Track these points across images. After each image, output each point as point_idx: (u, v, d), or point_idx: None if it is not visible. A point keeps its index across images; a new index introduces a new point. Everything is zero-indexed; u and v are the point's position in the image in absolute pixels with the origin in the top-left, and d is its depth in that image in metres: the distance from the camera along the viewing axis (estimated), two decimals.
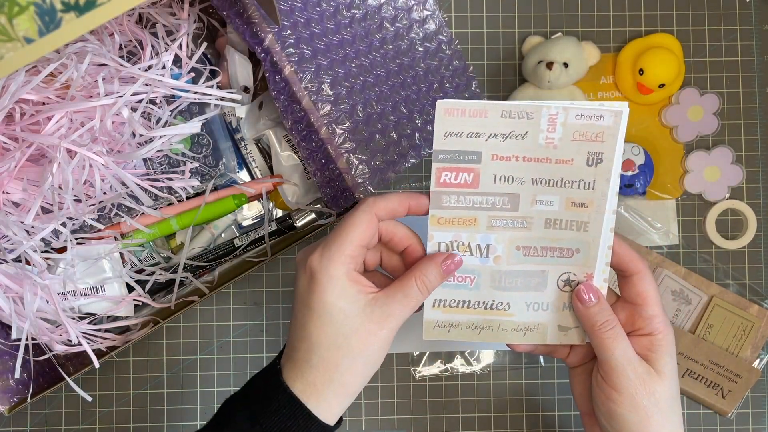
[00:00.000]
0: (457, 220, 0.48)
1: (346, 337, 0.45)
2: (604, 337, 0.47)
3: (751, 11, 0.71)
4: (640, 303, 0.48)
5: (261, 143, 0.67)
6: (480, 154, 0.46)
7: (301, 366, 0.45)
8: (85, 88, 0.58)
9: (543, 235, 0.48)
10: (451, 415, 0.69)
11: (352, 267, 0.46)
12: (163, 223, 0.63)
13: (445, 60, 0.64)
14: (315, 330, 0.45)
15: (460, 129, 0.45)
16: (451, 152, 0.46)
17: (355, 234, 0.46)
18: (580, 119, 0.45)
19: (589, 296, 0.48)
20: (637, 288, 0.48)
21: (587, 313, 0.48)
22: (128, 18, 0.61)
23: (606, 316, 0.48)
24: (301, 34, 0.58)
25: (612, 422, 0.48)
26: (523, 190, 0.47)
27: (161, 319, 0.62)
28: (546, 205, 0.47)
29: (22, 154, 0.57)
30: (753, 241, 0.70)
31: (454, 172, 0.46)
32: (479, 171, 0.46)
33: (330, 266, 0.45)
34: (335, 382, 0.45)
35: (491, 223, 0.48)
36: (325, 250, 0.46)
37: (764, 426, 0.70)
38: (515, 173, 0.47)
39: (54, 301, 0.59)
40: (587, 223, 0.48)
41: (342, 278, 0.45)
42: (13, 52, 0.42)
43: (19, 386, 0.61)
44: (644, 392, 0.46)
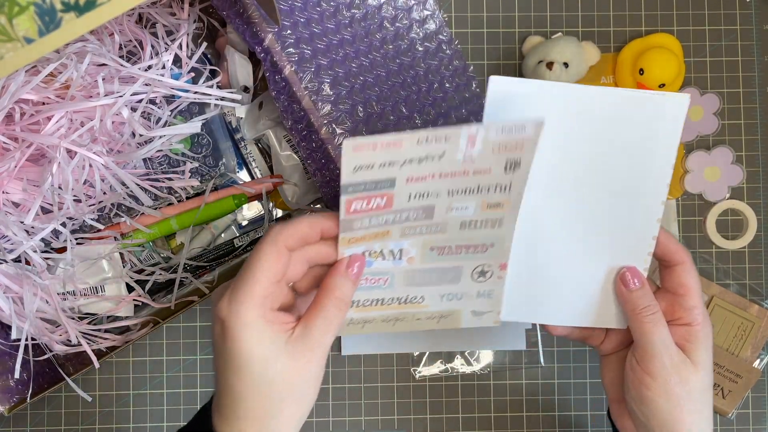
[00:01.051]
0: (369, 236, 0.45)
1: (271, 383, 0.42)
2: (645, 321, 0.47)
3: (751, 11, 0.71)
4: (682, 293, 0.48)
5: (261, 143, 0.67)
6: (394, 180, 0.43)
7: (229, 418, 0.43)
8: (85, 88, 0.58)
9: (458, 236, 0.47)
10: (451, 415, 0.69)
11: (266, 307, 0.42)
12: (163, 223, 0.63)
13: (445, 60, 0.64)
14: (236, 382, 0.42)
15: (371, 161, 0.42)
16: (361, 183, 0.43)
17: (263, 272, 0.42)
18: (500, 134, 0.43)
19: (633, 281, 0.48)
20: (680, 278, 0.48)
21: (630, 297, 0.48)
22: (128, 18, 0.61)
23: (648, 301, 0.48)
24: (301, 34, 0.58)
25: (642, 407, 0.47)
26: (439, 201, 0.45)
27: (161, 319, 0.62)
28: (461, 210, 0.46)
29: (22, 154, 0.57)
30: (753, 241, 0.70)
31: (365, 200, 0.44)
32: (393, 194, 0.44)
33: (241, 311, 0.41)
34: (270, 429, 0.42)
35: (405, 232, 0.46)
36: (234, 295, 0.42)
37: (764, 426, 0.70)
38: (431, 189, 0.45)
39: (54, 302, 0.59)
40: (501, 220, 0.47)
41: (255, 322, 0.41)
42: (13, 52, 0.42)
43: (19, 386, 0.61)
44: (678, 380, 0.46)
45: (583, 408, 0.69)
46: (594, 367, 0.70)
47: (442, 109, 0.64)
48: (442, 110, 0.64)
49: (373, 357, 0.69)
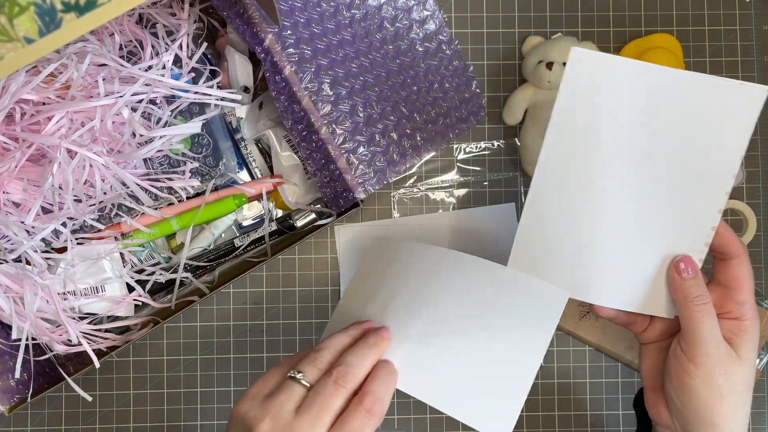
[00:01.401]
0: None
1: None
2: (696, 310, 0.47)
3: (751, 11, 0.71)
4: (735, 287, 0.48)
5: (261, 143, 0.67)
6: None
7: None
8: (85, 88, 0.58)
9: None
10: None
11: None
12: (163, 223, 0.63)
13: (445, 60, 0.64)
14: None
15: None
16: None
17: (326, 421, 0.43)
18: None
19: (687, 269, 0.48)
20: (734, 272, 0.49)
21: (682, 285, 0.48)
22: (128, 18, 0.61)
23: (700, 291, 0.48)
24: (301, 35, 0.58)
25: (682, 395, 0.48)
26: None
27: (161, 319, 0.62)
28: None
29: (22, 154, 0.57)
30: (753, 241, 0.70)
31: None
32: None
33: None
34: None
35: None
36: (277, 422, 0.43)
37: (764, 426, 0.69)
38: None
39: (54, 301, 0.59)
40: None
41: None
42: (13, 52, 0.42)
43: (19, 386, 0.61)
44: (722, 371, 0.47)
45: (583, 408, 0.69)
46: (594, 367, 0.70)
47: (442, 109, 0.64)
48: (442, 110, 0.64)
49: None
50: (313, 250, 0.69)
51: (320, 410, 0.43)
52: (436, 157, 0.69)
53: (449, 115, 0.64)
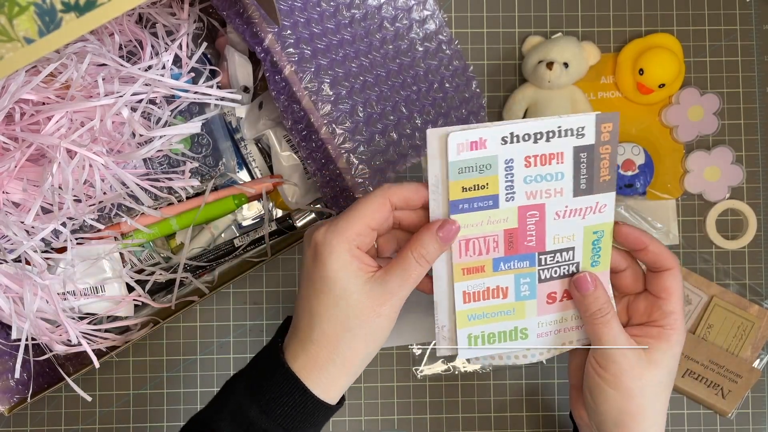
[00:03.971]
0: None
1: (346, 312, 0.45)
2: (597, 323, 0.49)
3: (751, 11, 0.71)
4: (664, 297, 0.49)
5: (261, 143, 0.67)
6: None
7: (303, 340, 0.46)
8: (85, 88, 0.58)
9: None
10: (451, 415, 0.69)
11: (355, 244, 0.46)
12: (163, 223, 0.63)
13: (445, 60, 0.64)
14: (316, 303, 0.45)
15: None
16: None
17: (364, 213, 0.46)
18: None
19: (586, 285, 0.49)
20: (665, 283, 0.49)
21: (583, 302, 0.50)
22: (128, 18, 0.61)
23: (601, 303, 0.49)
24: (301, 34, 0.58)
25: (595, 395, 0.49)
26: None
27: (161, 319, 0.62)
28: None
29: (22, 154, 0.57)
30: (753, 241, 0.70)
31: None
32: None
33: (333, 240, 0.45)
34: (337, 360, 0.46)
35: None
36: (332, 225, 0.46)
37: (764, 426, 0.70)
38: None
39: (54, 301, 0.59)
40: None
41: (344, 253, 0.45)
42: (13, 52, 0.42)
43: (19, 386, 0.61)
44: (630, 375, 0.48)
45: None
46: None
47: (442, 109, 0.64)
48: (442, 110, 0.64)
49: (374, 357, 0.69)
50: None
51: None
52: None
53: (449, 115, 0.64)
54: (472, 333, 0.50)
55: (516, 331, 0.51)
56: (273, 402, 0.45)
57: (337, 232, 0.45)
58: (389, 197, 0.46)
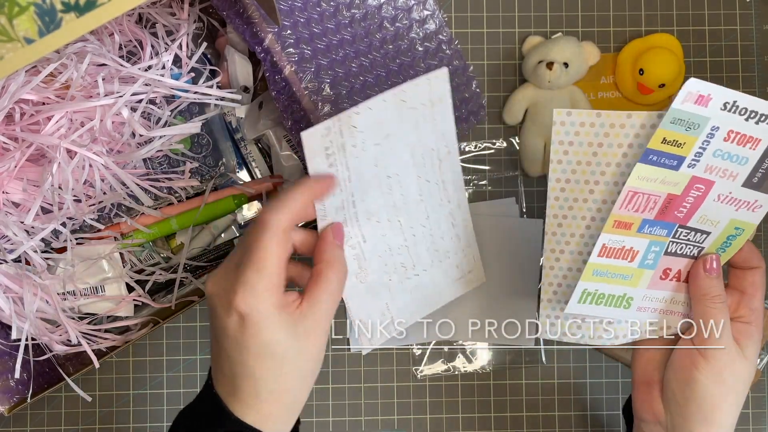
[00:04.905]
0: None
1: (293, 365, 0.44)
2: (715, 307, 0.49)
3: (751, 11, 0.71)
4: (751, 293, 0.50)
5: (261, 143, 0.67)
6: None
7: (248, 402, 0.44)
8: (85, 88, 0.58)
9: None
10: (451, 415, 0.69)
11: (277, 298, 0.44)
12: (163, 223, 0.63)
13: (445, 60, 0.64)
14: (258, 367, 0.44)
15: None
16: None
17: (271, 263, 0.43)
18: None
19: (713, 266, 0.50)
20: (754, 278, 0.51)
21: (706, 282, 0.50)
22: (128, 18, 0.61)
23: (721, 290, 0.50)
24: (301, 34, 0.58)
25: (687, 389, 0.49)
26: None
27: (161, 319, 0.62)
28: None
29: (22, 154, 0.57)
30: (753, 241, 0.70)
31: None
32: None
33: (259, 305, 0.43)
34: (288, 406, 0.45)
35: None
36: (248, 288, 0.43)
37: (764, 426, 0.70)
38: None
39: (54, 302, 0.59)
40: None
41: (274, 313, 0.43)
42: (13, 52, 0.42)
43: (19, 386, 0.61)
44: (731, 369, 0.48)
45: (583, 408, 0.69)
46: (594, 367, 0.70)
47: None
48: None
49: (373, 357, 0.69)
50: None
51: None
52: None
53: None
54: (587, 289, 0.49)
55: (623, 299, 0.51)
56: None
57: (258, 295, 0.43)
58: (284, 228, 0.44)
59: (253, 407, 0.44)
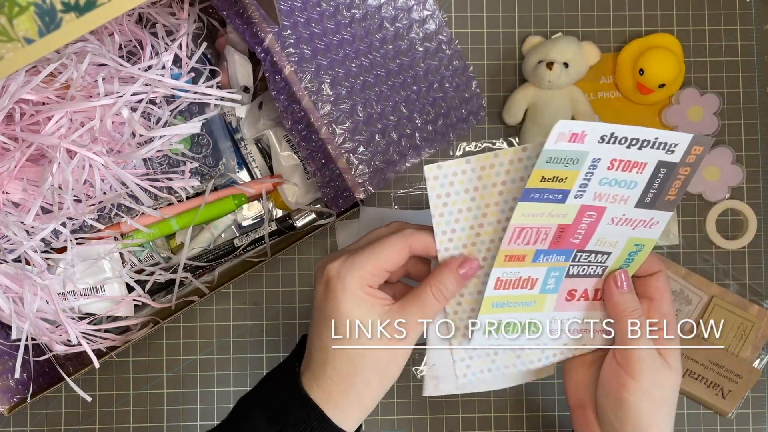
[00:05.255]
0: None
1: (362, 352, 0.45)
2: (629, 323, 0.48)
3: (751, 11, 0.71)
4: (659, 298, 0.49)
5: (261, 143, 0.67)
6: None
7: (317, 375, 0.45)
8: (85, 88, 0.58)
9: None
10: (451, 415, 0.69)
11: (368, 282, 0.45)
12: (163, 223, 0.63)
13: (445, 60, 0.64)
14: (329, 340, 0.45)
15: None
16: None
17: (382, 256, 0.45)
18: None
19: (623, 283, 0.49)
20: (657, 283, 0.50)
21: (621, 299, 0.49)
22: (128, 18, 0.61)
23: (636, 305, 0.49)
24: (301, 34, 0.58)
25: (619, 411, 0.48)
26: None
27: (161, 319, 0.62)
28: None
29: (22, 154, 0.57)
30: (753, 241, 0.70)
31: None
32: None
33: (347, 277, 0.44)
34: (351, 395, 0.45)
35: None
36: (347, 261, 0.45)
37: (764, 426, 0.70)
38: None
39: (54, 302, 0.59)
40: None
41: (357, 291, 0.44)
42: (13, 52, 0.42)
43: (19, 386, 0.61)
44: (656, 383, 0.47)
45: None
46: None
47: (442, 109, 0.64)
48: (442, 110, 0.64)
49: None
50: (313, 250, 0.69)
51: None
52: (436, 157, 0.69)
53: (449, 115, 0.64)
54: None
55: (530, 325, 0.51)
56: (292, 427, 0.44)
57: (352, 269, 0.45)
58: (410, 243, 0.46)
59: (317, 382, 0.45)
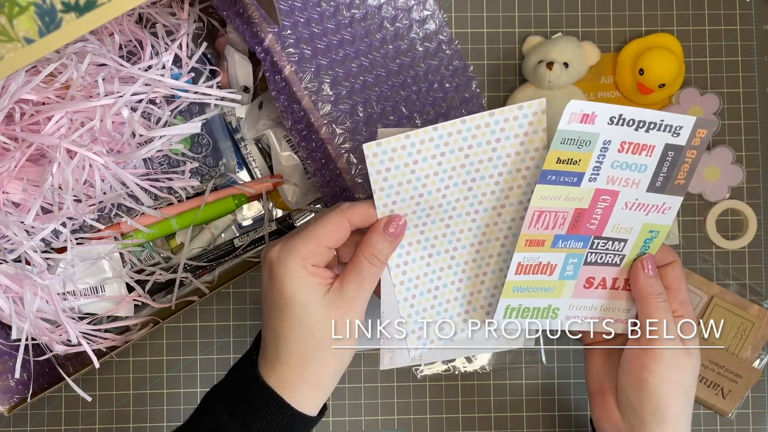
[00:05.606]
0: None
1: (310, 329, 0.45)
2: (658, 306, 0.49)
3: (751, 11, 0.71)
4: (676, 287, 0.51)
5: (261, 143, 0.67)
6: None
7: (271, 361, 0.46)
8: (85, 88, 0.58)
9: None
10: (451, 415, 0.69)
11: (310, 262, 0.45)
12: (163, 223, 0.63)
13: (445, 60, 0.64)
14: (279, 324, 0.45)
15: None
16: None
17: (320, 233, 0.45)
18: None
19: (650, 267, 0.51)
20: (674, 272, 0.51)
21: (647, 282, 0.50)
22: (128, 18, 0.61)
23: (661, 289, 0.50)
24: (301, 34, 0.58)
25: (640, 392, 0.49)
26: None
27: (161, 319, 0.62)
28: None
29: (22, 154, 0.57)
30: (753, 241, 0.70)
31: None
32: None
33: (288, 260, 0.45)
34: (308, 377, 0.45)
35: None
36: (286, 244, 0.46)
37: (764, 426, 0.70)
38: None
39: (54, 301, 0.59)
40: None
41: (299, 271, 0.45)
42: (13, 52, 0.42)
43: (19, 386, 0.61)
44: (677, 366, 0.48)
45: (583, 408, 0.69)
46: None
47: (442, 109, 0.64)
48: (442, 110, 0.64)
49: (374, 357, 0.69)
50: None
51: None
52: None
53: (449, 115, 0.64)
54: (510, 305, 0.50)
55: (549, 310, 0.51)
56: (251, 416, 0.45)
57: (291, 251, 0.45)
58: (348, 217, 0.46)
59: (273, 367, 0.45)
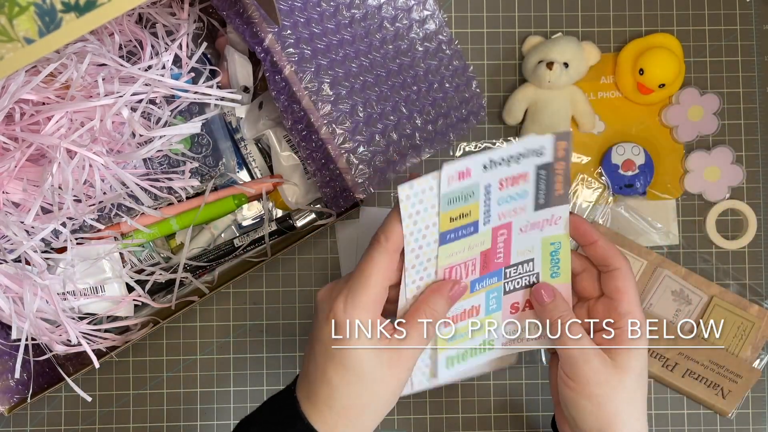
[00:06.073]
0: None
1: (370, 388, 0.45)
2: (558, 330, 0.49)
3: (751, 11, 0.71)
4: (617, 298, 0.49)
5: (261, 143, 0.67)
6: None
7: (321, 409, 0.46)
8: (85, 88, 0.58)
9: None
10: (451, 415, 0.69)
11: (377, 312, 0.45)
12: (163, 223, 0.63)
13: (445, 60, 0.64)
14: (337, 379, 0.45)
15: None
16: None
17: (377, 279, 0.45)
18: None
19: (544, 295, 0.50)
20: (616, 283, 0.49)
21: (544, 311, 0.50)
22: (128, 18, 0.61)
23: (563, 309, 0.49)
24: (301, 34, 0.58)
25: (569, 408, 0.49)
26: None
27: (161, 319, 0.62)
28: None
29: (22, 154, 0.57)
30: (753, 241, 0.70)
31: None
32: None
33: (355, 315, 0.45)
34: (356, 427, 0.46)
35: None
36: (350, 299, 0.45)
37: (764, 426, 0.70)
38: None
39: (54, 301, 0.59)
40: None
41: (368, 328, 0.45)
42: (13, 52, 0.42)
43: (19, 386, 0.61)
44: (596, 381, 0.47)
45: None
46: None
47: (442, 109, 0.64)
48: (442, 110, 0.64)
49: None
50: (313, 250, 0.69)
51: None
52: (436, 157, 0.69)
53: (449, 115, 0.64)
54: (449, 355, 0.51)
55: (485, 343, 0.52)
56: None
57: (357, 306, 0.45)
58: (392, 247, 0.45)
59: (324, 416, 0.45)
